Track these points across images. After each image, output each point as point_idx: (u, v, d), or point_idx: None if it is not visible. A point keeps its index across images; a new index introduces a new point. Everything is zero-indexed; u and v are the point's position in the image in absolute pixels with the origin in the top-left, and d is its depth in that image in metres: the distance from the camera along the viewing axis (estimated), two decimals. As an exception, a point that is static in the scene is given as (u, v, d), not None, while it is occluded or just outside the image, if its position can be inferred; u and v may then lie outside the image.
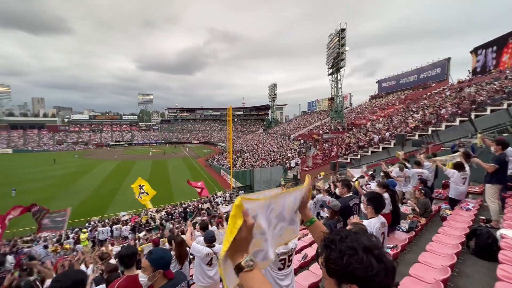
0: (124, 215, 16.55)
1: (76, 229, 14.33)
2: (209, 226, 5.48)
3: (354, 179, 7.49)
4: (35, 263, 3.81)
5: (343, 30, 34.04)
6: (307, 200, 1.41)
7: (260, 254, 1.10)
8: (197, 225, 7.80)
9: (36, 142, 69.34)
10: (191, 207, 17.41)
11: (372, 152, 18.66)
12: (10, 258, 9.49)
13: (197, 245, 3.66)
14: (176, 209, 17.03)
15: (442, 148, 10.94)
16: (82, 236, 11.82)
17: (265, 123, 79.76)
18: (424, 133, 16.36)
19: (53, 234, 13.63)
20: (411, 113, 21.21)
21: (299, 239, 5.41)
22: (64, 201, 20.65)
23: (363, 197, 2.85)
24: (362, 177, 7.75)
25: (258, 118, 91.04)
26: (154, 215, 15.74)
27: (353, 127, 29.01)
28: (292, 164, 25.97)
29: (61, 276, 1.55)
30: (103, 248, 6.86)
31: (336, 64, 35.10)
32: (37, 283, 3.52)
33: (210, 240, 3.64)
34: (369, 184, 6.68)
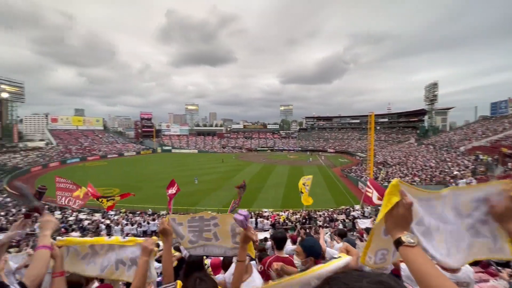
0: (265, 212, 18.84)
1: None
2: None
3: None
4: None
5: None
6: (508, 210, 0.97)
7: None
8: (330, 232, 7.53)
9: (210, 145, 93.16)
10: (325, 215, 17.20)
11: None
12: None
13: (331, 249, 3.54)
14: (311, 215, 17.36)
15: None
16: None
17: (418, 131, 64.86)
18: None
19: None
20: None
21: (477, 281, 3.93)
22: (225, 192, 26.41)
23: None
24: None
25: (408, 126, 74.86)
26: (291, 217, 16.83)
27: None
28: (461, 185, 19.77)
29: None
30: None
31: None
32: None
33: (346, 248, 3.41)
34: None
